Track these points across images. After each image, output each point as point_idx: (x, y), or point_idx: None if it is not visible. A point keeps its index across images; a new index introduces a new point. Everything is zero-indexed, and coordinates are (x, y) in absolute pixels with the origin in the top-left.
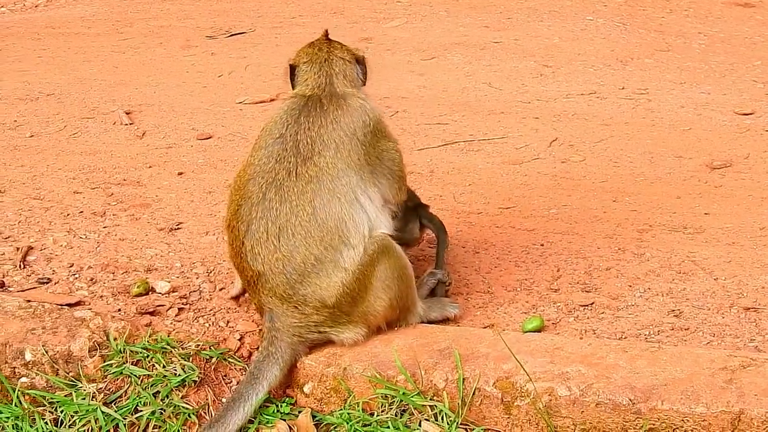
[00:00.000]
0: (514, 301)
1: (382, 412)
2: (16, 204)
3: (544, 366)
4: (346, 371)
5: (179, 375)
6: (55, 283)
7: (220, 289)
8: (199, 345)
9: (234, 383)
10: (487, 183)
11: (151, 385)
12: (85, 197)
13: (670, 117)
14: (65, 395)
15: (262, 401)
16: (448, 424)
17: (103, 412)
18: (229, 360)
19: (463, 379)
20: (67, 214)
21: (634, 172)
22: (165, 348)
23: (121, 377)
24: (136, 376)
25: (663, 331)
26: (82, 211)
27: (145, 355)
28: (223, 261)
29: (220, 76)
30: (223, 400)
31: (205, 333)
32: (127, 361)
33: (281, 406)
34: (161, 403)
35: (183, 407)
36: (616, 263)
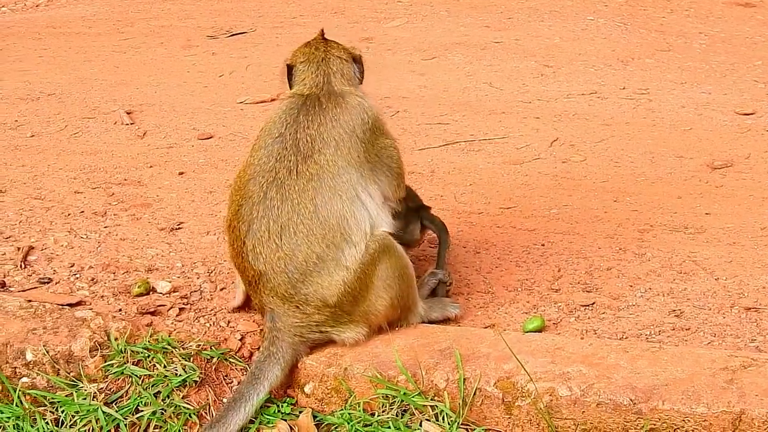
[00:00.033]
0: (515, 301)
1: (383, 412)
2: (17, 204)
3: (545, 366)
4: (347, 371)
5: (180, 375)
6: (56, 283)
7: (221, 289)
8: (200, 345)
9: (235, 383)
10: (488, 183)
11: (152, 385)
12: (86, 197)
13: (670, 117)
14: (66, 395)
15: (263, 401)
16: (449, 424)
17: (104, 412)
18: (230, 360)
19: (464, 379)
20: (68, 214)
21: (635, 172)
22: (166, 348)
23: (122, 377)
24: (137, 376)
25: (664, 331)
26: (83, 211)
27: (146, 355)
28: (224, 261)
29: (221, 76)
30: (224, 400)
31: (206, 333)
32: (128, 361)
33: (282, 406)
34: (162, 403)
35: (184, 407)
36: (617, 263)
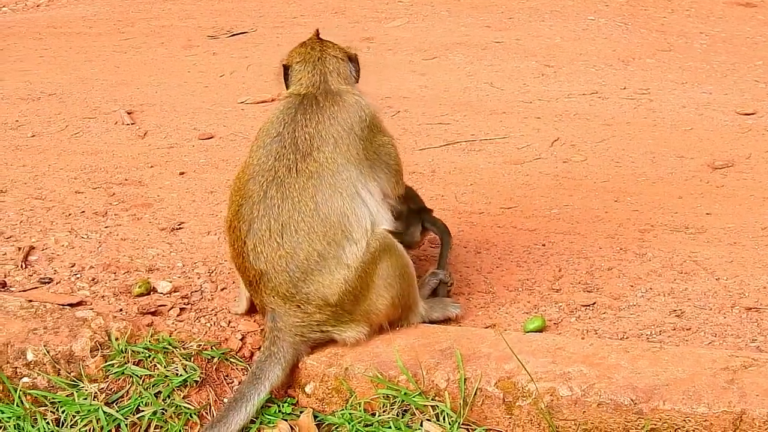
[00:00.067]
0: (515, 301)
1: (384, 412)
2: (18, 204)
3: (546, 366)
4: (347, 371)
5: (181, 375)
6: (56, 283)
7: (222, 289)
8: (200, 345)
9: (236, 383)
10: (489, 183)
11: (152, 385)
12: (87, 197)
13: (671, 117)
14: (67, 395)
15: (264, 401)
16: (449, 424)
17: (104, 412)
18: (231, 360)
19: (465, 379)
20: (69, 214)
21: (636, 172)
22: (167, 348)
23: (122, 377)
24: (137, 376)
25: (665, 331)
26: (83, 211)
27: (146, 355)
28: (225, 261)
29: (221, 76)
30: (225, 401)
31: (206, 333)
32: (128, 361)
33: (283, 406)
34: (163, 403)
35: (185, 407)
36: (618, 263)
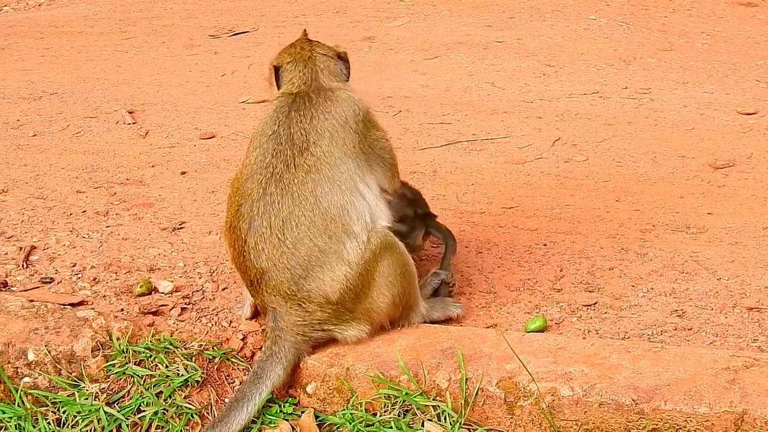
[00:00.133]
0: (517, 301)
1: (385, 412)
2: (19, 203)
3: (547, 366)
4: (349, 371)
5: (182, 375)
6: (58, 283)
7: (223, 289)
8: (201, 345)
9: (237, 383)
10: (490, 183)
11: (153, 385)
12: (88, 196)
13: (672, 116)
14: (68, 395)
15: (266, 401)
16: (451, 424)
17: (105, 413)
18: (232, 360)
19: (466, 379)
20: (70, 214)
21: (637, 171)
22: (168, 348)
23: (123, 377)
24: (138, 376)
25: (666, 331)
26: (85, 211)
27: (147, 355)
28: (226, 261)
29: (223, 76)
30: (226, 401)
31: (207, 333)
32: (129, 361)
33: (284, 406)
34: (164, 403)
35: (186, 407)
36: (619, 263)
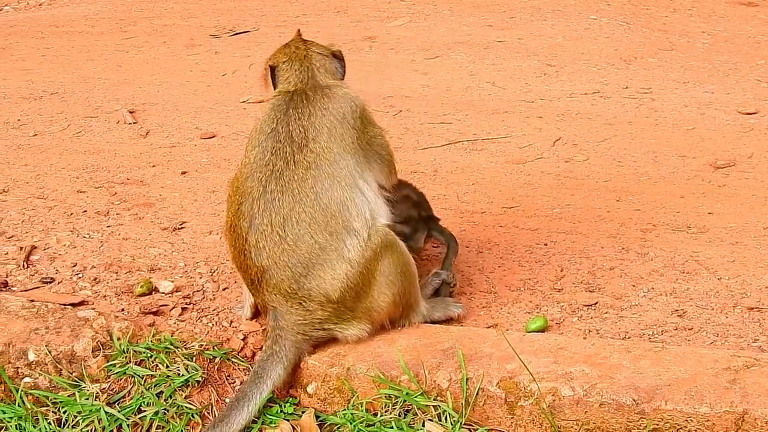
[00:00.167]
0: (517, 301)
1: (386, 412)
2: (20, 203)
3: (548, 366)
4: (349, 371)
5: (182, 375)
6: (58, 283)
7: (224, 289)
8: (202, 345)
9: (237, 383)
10: (491, 182)
11: (154, 385)
12: (89, 196)
13: (673, 116)
14: (68, 395)
15: (266, 401)
16: (451, 424)
17: (106, 413)
18: (233, 360)
19: (467, 379)
20: (71, 214)
21: (638, 171)
22: (168, 348)
23: (124, 377)
24: (139, 376)
25: (666, 331)
26: (85, 211)
27: (148, 355)
28: (227, 260)
29: (223, 75)
30: (227, 400)
31: (208, 333)
32: (130, 361)
33: (285, 406)
34: (164, 403)
35: (186, 407)
36: (620, 263)
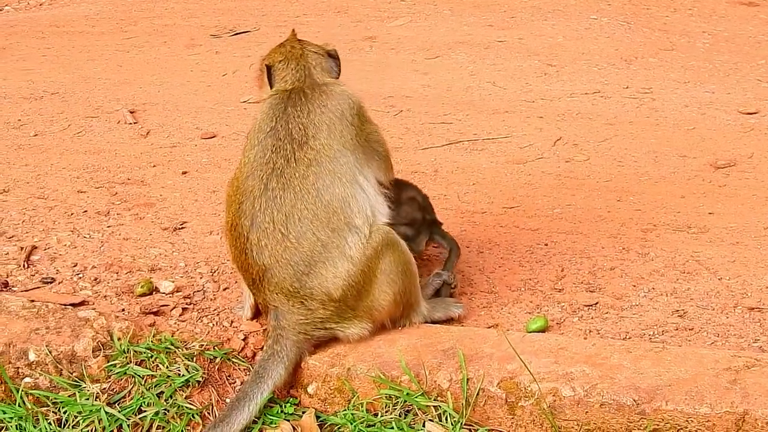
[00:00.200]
0: (518, 301)
1: (386, 412)
2: (20, 203)
3: (549, 366)
4: (350, 371)
5: (183, 375)
6: (59, 283)
7: (224, 289)
8: (202, 345)
9: (238, 383)
10: (491, 182)
11: (154, 386)
12: (89, 196)
13: (674, 116)
14: (69, 395)
15: (267, 401)
16: (452, 424)
17: (106, 413)
18: (233, 360)
19: (468, 379)
20: (71, 214)
21: (638, 171)
22: (169, 348)
23: (124, 377)
24: (139, 376)
25: (667, 331)
26: (86, 211)
27: (148, 355)
28: (227, 261)
29: (224, 75)
30: (227, 401)
31: (209, 333)
32: (130, 362)
33: (285, 407)
34: (165, 403)
35: (187, 407)
36: (621, 263)
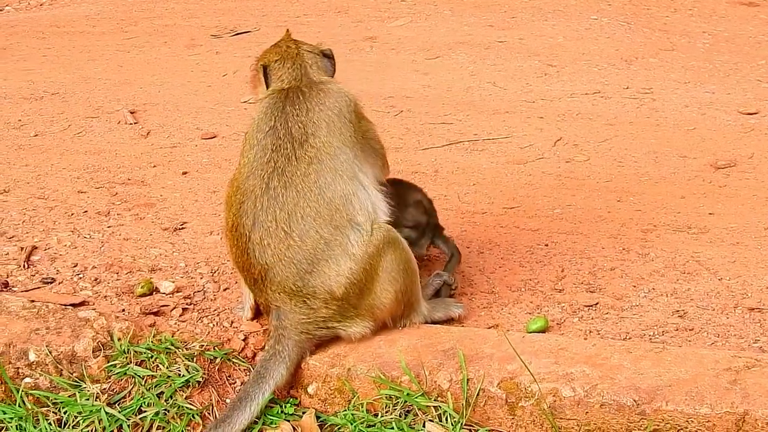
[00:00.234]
0: (518, 302)
1: (387, 412)
2: (21, 203)
3: (549, 367)
4: (350, 372)
5: (183, 375)
6: (59, 283)
7: (224, 290)
8: (203, 345)
9: (238, 384)
10: (492, 183)
11: (155, 386)
12: (90, 197)
13: (674, 116)
14: (69, 396)
15: (269, 400)
16: (452, 424)
17: (106, 413)
18: (233, 360)
19: (468, 379)
20: (72, 214)
21: (639, 171)
22: (169, 348)
23: (125, 378)
24: (140, 376)
25: (667, 331)
26: (86, 211)
27: (149, 355)
28: (227, 261)
29: (224, 75)
30: (227, 401)
31: (209, 333)
32: (131, 362)
33: (285, 407)
34: (165, 403)
35: (187, 408)
36: (621, 263)
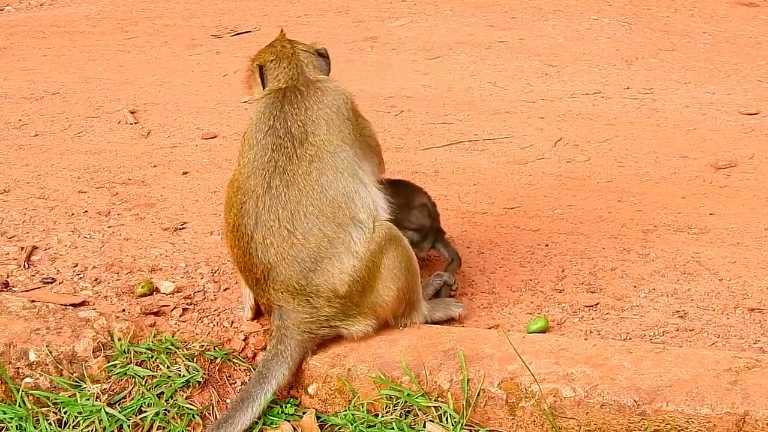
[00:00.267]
0: (518, 302)
1: (387, 413)
2: (21, 203)
3: (549, 367)
4: (350, 372)
5: (183, 376)
6: (59, 283)
7: (225, 290)
8: (203, 345)
9: (238, 384)
10: (492, 183)
11: (155, 386)
12: (90, 197)
13: (674, 117)
14: (69, 396)
15: (270, 401)
16: (452, 425)
17: (107, 413)
18: (234, 361)
19: (468, 380)
20: (72, 214)
21: (639, 172)
22: (169, 348)
23: (125, 378)
24: (140, 376)
25: (668, 332)
26: (86, 211)
27: (149, 355)
28: (228, 261)
29: (225, 75)
30: (228, 401)
31: (209, 333)
32: (131, 362)
33: (285, 407)
34: (165, 403)
35: (187, 408)
36: (621, 264)
